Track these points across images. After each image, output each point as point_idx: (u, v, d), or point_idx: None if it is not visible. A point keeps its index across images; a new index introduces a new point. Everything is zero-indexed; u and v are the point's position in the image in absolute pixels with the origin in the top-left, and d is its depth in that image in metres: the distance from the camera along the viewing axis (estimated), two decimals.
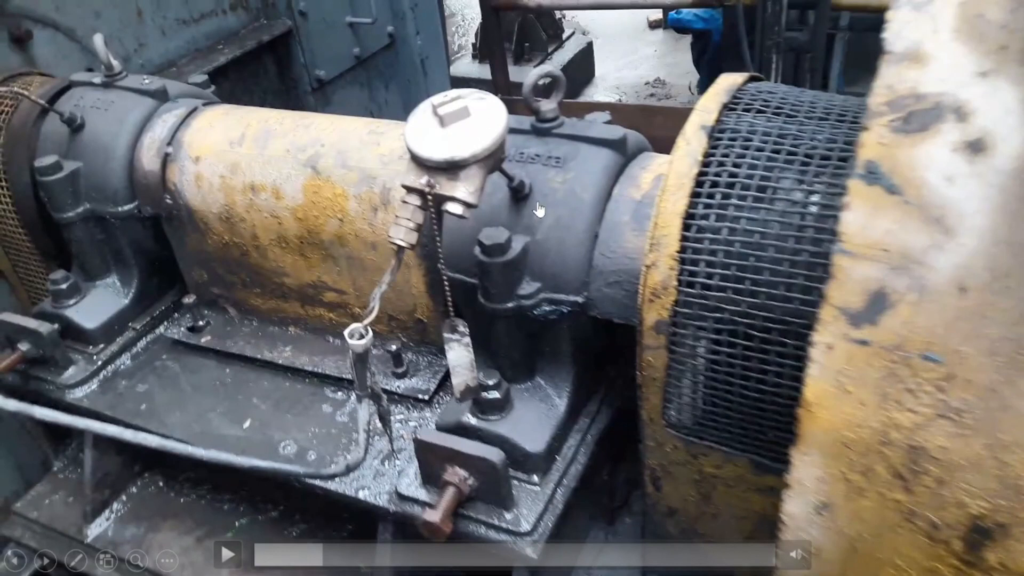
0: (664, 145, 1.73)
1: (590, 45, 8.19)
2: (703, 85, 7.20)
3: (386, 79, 4.12)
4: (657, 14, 8.93)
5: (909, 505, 0.92)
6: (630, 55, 8.79)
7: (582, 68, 8.02)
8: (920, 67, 0.94)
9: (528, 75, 1.54)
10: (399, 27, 3.98)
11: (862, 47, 4.81)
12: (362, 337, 1.34)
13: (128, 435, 1.57)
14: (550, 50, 7.63)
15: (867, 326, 0.91)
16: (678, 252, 1.33)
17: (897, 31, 0.96)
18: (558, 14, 7.94)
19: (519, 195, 1.58)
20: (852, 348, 0.92)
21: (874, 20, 4.73)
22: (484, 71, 5.82)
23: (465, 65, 7.58)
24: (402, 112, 4.16)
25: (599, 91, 8.15)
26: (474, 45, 7.69)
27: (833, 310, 0.93)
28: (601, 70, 8.42)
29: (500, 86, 4.94)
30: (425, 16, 4.07)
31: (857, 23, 4.66)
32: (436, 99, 1.38)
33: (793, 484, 0.98)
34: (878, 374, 0.91)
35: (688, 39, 6.57)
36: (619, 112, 1.81)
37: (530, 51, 7.46)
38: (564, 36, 7.95)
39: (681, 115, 1.44)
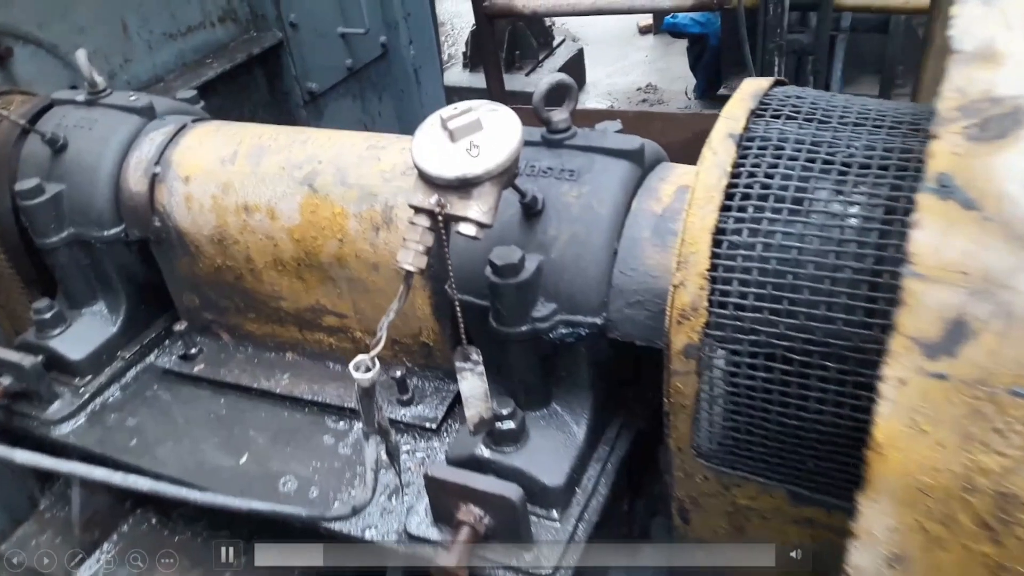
0: (665, 152, 1.65)
1: (581, 52, 8.14)
2: (700, 90, 7.16)
3: (379, 90, 4.05)
4: (647, 19, 8.90)
5: (997, 559, 0.82)
6: (620, 61, 8.75)
7: (573, 75, 7.76)
8: (994, 67, 0.84)
9: (539, 83, 1.46)
10: (392, 37, 3.92)
11: (858, 47, 4.77)
12: (368, 370, 1.24)
13: (117, 478, 1.48)
14: (541, 57, 7.58)
15: (945, 358, 0.82)
16: (708, 270, 1.24)
17: (964, 28, 0.87)
18: (548, 21, 7.88)
19: (532, 211, 1.49)
20: (928, 383, 0.82)
21: (876, 21, 4.71)
22: (475, 80, 5.76)
23: (456, 74, 7.51)
24: (396, 123, 4.09)
25: (590, 98, 8.08)
26: (464, 54, 7.63)
27: (905, 340, 0.83)
28: (592, 76, 8.36)
29: (495, 95, 4.85)
30: (418, 25, 4.01)
31: (859, 24, 4.62)
32: (445, 112, 1.29)
33: (861, 534, 0.88)
34: (959, 412, 0.81)
35: (679, 44, 6.52)
36: (617, 119, 1.72)
37: (521, 59, 7.42)
38: (554, 43, 7.89)
39: (680, 121, 1.36)
